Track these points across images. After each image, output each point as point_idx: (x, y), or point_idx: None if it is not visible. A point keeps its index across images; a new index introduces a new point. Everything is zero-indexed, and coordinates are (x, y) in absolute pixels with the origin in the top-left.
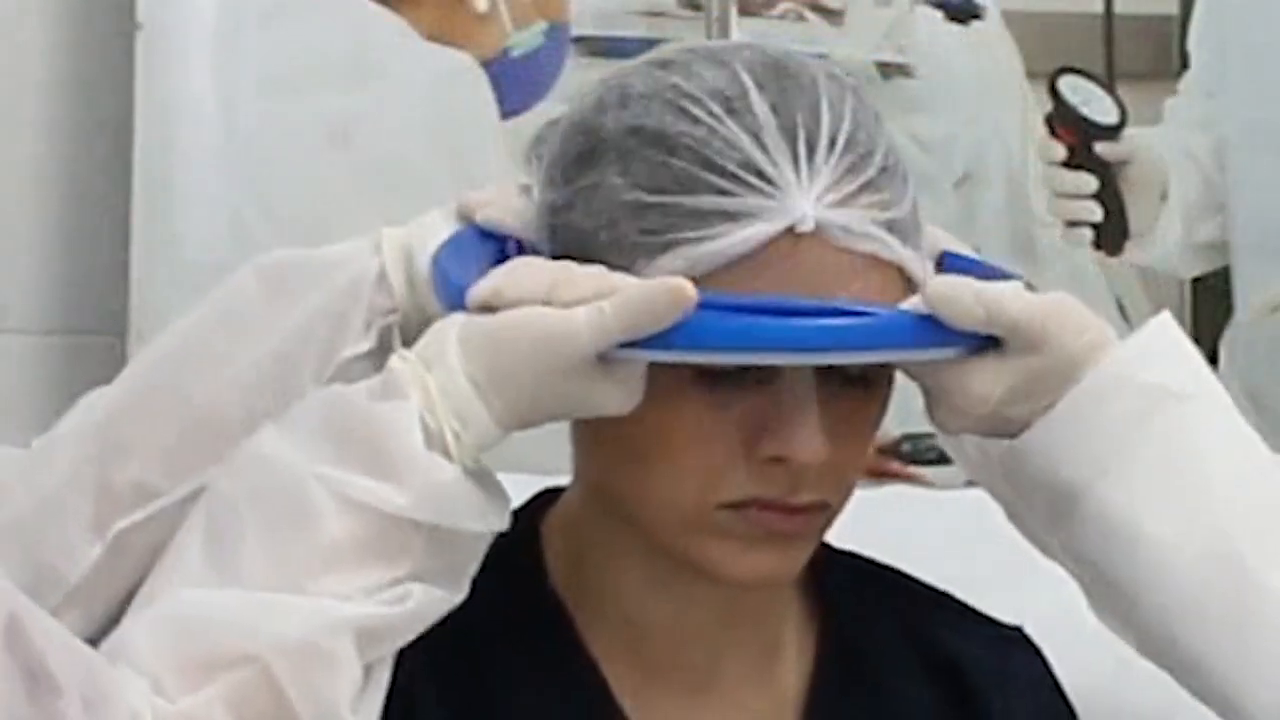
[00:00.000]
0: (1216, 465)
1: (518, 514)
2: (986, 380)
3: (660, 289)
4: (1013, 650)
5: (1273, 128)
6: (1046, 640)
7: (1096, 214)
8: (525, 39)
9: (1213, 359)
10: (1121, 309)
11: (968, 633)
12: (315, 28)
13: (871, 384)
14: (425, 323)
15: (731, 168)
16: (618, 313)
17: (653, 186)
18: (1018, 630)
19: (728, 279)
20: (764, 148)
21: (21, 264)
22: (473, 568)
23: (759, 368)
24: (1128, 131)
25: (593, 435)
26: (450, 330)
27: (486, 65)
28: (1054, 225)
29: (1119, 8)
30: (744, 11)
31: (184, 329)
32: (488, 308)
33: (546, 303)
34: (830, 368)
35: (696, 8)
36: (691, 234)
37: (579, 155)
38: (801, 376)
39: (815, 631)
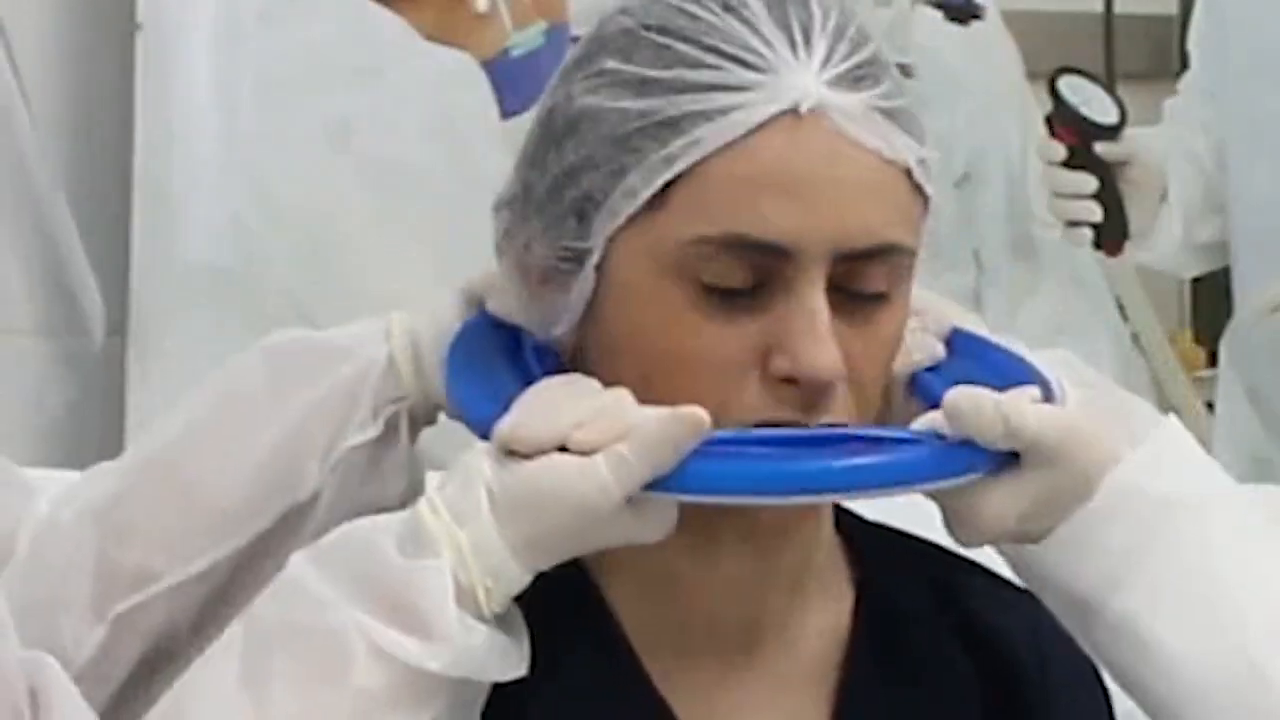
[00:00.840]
0: (1229, 573)
1: None
2: (1003, 503)
3: (673, 421)
4: (1046, 619)
5: (1273, 128)
6: None
7: (1096, 214)
8: (525, 39)
9: (1213, 359)
10: (1121, 309)
11: (1003, 601)
12: (315, 28)
13: (886, 299)
14: (432, 409)
15: (731, 50)
16: (639, 456)
17: (657, 64)
18: None
19: (731, 165)
20: (761, 36)
21: (22, 264)
22: (485, 695)
23: (767, 287)
24: (1128, 131)
25: (603, 370)
26: (479, 485)
27: (486, 65)
28: (1054, 225)
29: (1119, 8)
30: None
31: (190, 408)
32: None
33: (564, 447)
34: (840, 285)
35: None
36: (694, 108)
37: (580, 57)
38: (811, 293)
39: (850, 597)
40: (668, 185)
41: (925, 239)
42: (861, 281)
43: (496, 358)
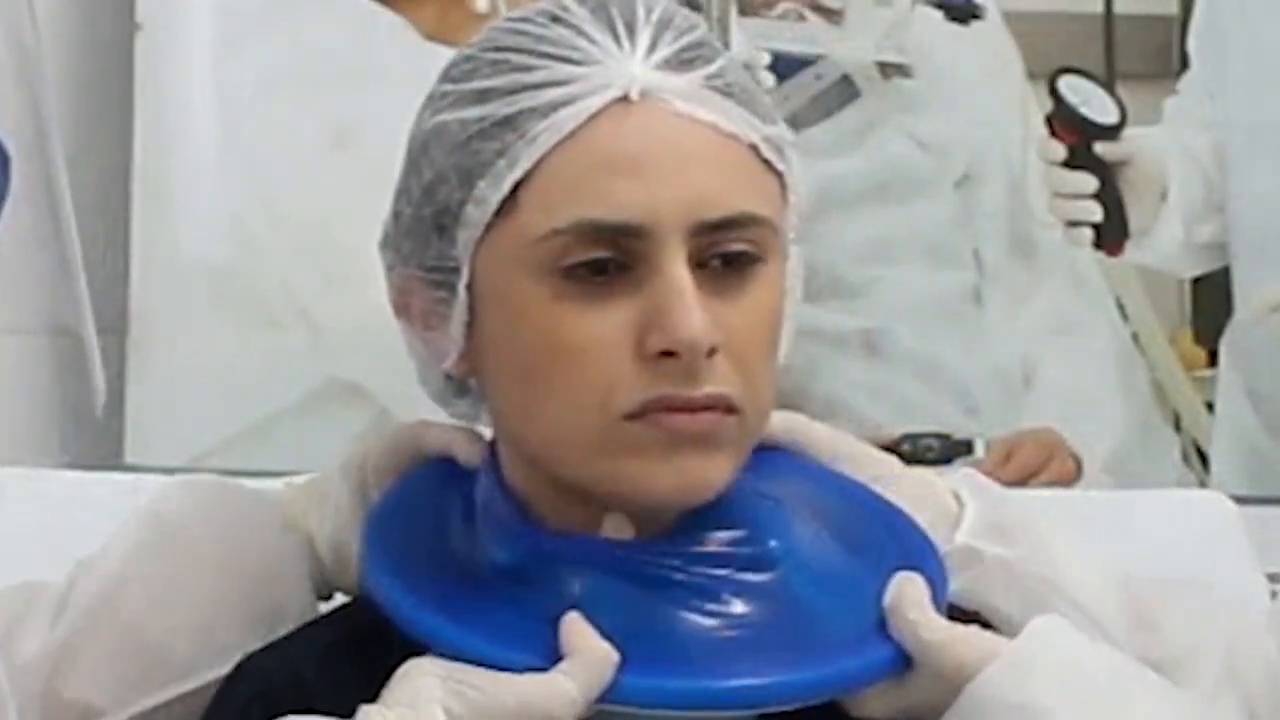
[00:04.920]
0: None
1: None
2: (885, 704)
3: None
4: None
5: (1273, 128)
6: None
7: (1096, 214)
8: None
9: (1213, 359)
10: (1121, 309)
11: None
12: (315, 28)
13: (753, 272)
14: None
15: (559, 51)
16: (600, 671)
17: (493, 76)
18: None
19: (571, 157)
20: (586, 36)
21: (23, 262)
22: None
23: (632, 271)
24: (1128, 131)
25: (494, 387)
26: (434, 705)
27: None
28: (1054, 225)
29: (1119, 8)
30: (744, 12)
31: (127, 549)
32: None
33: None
34: (704, 262)
35: (696, 8)
36: (526, 105)
37: (431, 90)
38: (672, 266)
39: None
40: (516, 188)
41: (922, 236)
42: (723, 254)
43: (416, 544)
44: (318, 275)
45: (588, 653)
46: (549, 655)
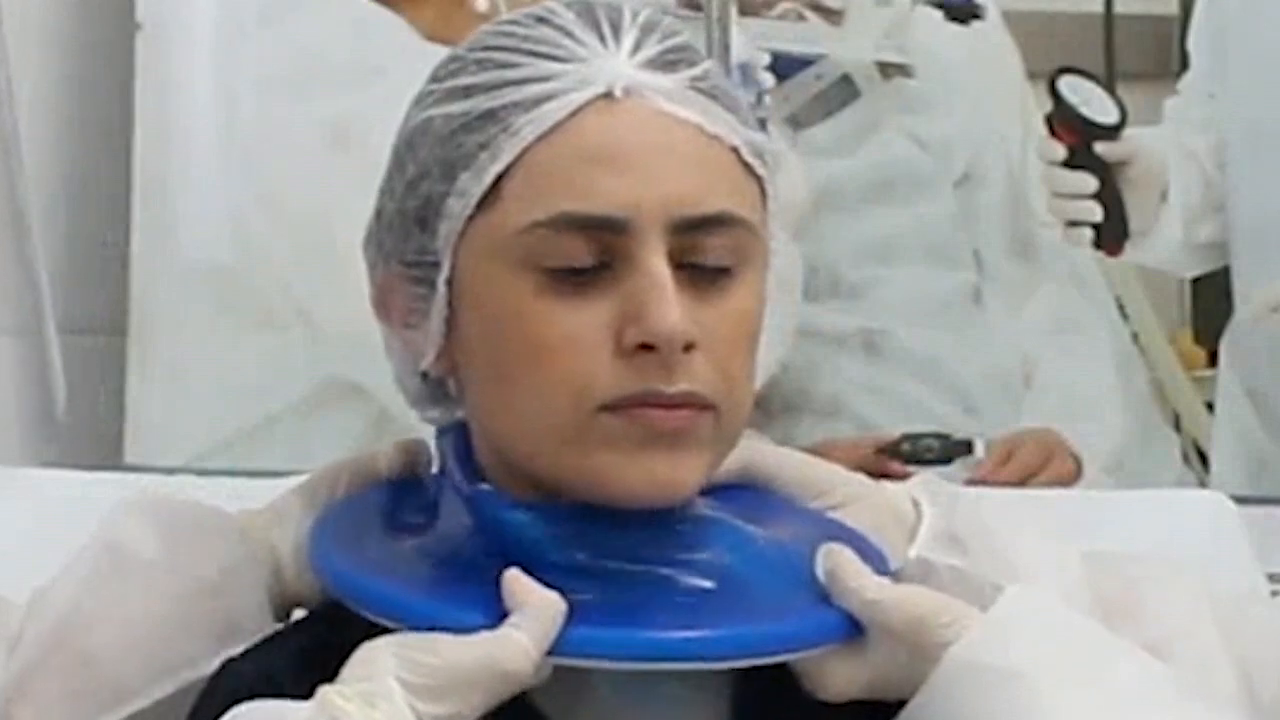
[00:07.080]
0: None
1: None
2: (849, 671)
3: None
4: None
5: (1273, 128)
6: None
7: (1096, 214)
8: None
9: (1213, 359)
10: (1121, 309)
11: None
12: (315, 28)
13: (731, 273)
14: (291, 606)
15: (544, 49)
16: (550, 622)
17: (478, 74)
18: None
19: (554, 150)
20: (572, 36)
21: (21, 263)
22: None
23: (611, 267)
24: (1128, 131)
25: (471, 383)
26: (386, 676)
27: None
28: (1054, 225)
29: (1119, 8)
30: (744, 12)
31: (80, 579)
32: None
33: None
34: (684, 261)
35: (696, 8)
36: (510, 99)
37: (418, 92)
38: (652, 261)
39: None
40: (498, 181)
41: (922, 236)
42: (703, 254)
43: (365, 535)
44: (318, 275)
45: (534, 604)
46: (498, 616)
